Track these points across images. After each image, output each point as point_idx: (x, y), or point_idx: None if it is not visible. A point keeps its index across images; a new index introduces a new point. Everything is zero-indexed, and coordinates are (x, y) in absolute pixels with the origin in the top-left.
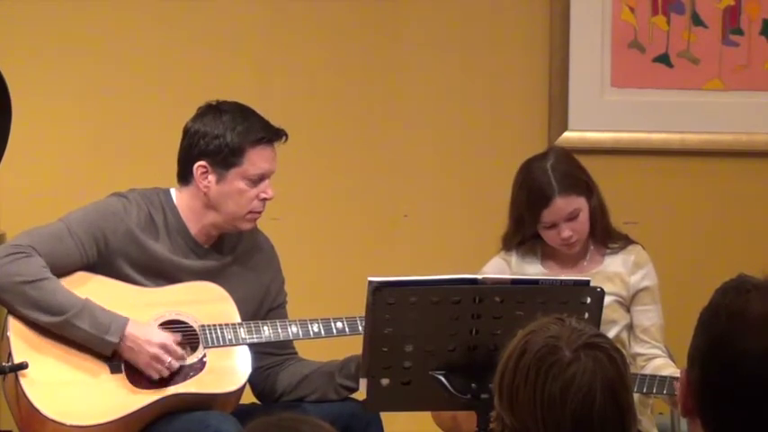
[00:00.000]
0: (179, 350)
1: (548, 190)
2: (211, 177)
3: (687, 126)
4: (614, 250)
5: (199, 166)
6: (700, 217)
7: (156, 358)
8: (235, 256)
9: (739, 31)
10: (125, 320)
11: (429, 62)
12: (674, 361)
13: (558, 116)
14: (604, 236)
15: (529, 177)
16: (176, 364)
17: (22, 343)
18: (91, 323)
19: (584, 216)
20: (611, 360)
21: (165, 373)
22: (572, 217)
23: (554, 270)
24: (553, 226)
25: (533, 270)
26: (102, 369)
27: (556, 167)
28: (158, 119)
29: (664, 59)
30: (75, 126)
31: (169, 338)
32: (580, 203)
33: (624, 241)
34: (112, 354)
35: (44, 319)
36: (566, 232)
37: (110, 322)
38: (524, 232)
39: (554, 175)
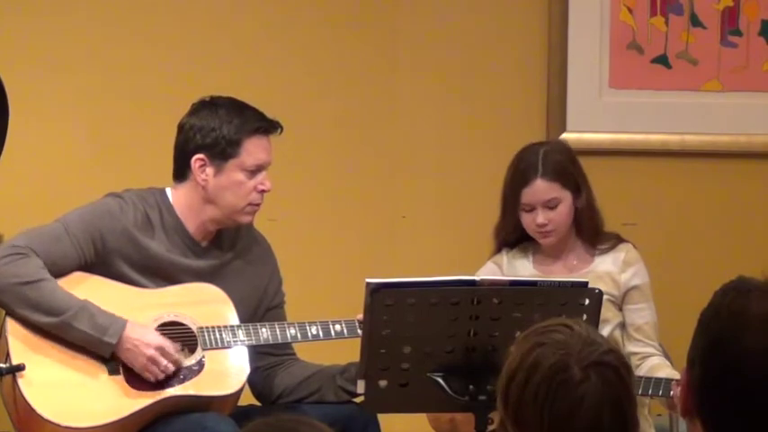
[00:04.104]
0: (175, 354)
1: (531, 170)
2: (209, 170)
3: (686, 127)
4: (604, 250)
5: (197, 159)
6: (699, 218)
7: (153, 360)
8: (234, 253)
9: (738, 32)
10: (123, 322)
11: (427, 63)
12: (669, 359)
13: (557, 117)
14: (593, 237)
15: (519, 157)
16: (172, 368)
17: (20, 344)
18: (89, 324)
19: (563, 209)
20: (620, 378)
21: (161, 376)
22: (550, 205)
23: (544, 269)
24: (531, 210)
25: (524, 271)
26: (101, 371)
27: (548, 153)
28: (156, 119)
29: (662, 60)
30: (73, 127)
31: (167, 342)
32: (562, 195)
33: (614, 241)
34: (111, 356)
35: (42, 319)
36: (540, 218)
37: (108, 324)
38: (510, 219)
39: (543, 159)
